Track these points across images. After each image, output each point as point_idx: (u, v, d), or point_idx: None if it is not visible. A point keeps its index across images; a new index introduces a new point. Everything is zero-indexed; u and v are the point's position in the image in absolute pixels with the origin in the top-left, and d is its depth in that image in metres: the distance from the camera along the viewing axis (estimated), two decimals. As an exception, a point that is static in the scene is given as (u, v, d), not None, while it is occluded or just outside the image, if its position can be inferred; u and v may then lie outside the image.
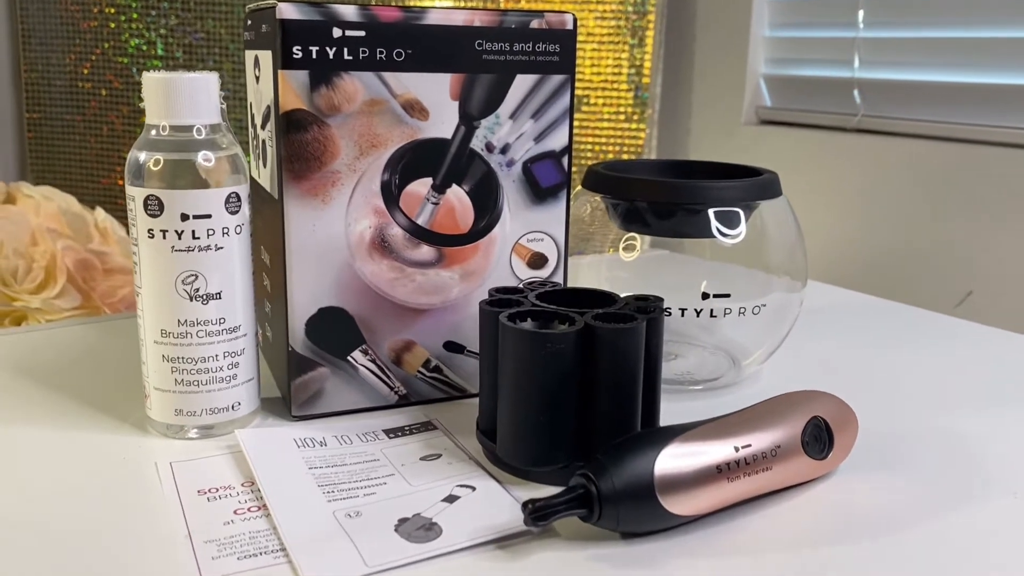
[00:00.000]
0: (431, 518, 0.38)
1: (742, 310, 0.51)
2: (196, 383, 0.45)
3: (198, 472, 0.43)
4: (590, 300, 0.46)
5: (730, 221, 0.52)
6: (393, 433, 0.47)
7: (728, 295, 0.51)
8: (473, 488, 0.41)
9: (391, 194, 0.48)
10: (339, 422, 0.48)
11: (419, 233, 0.49)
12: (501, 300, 0.45)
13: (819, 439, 0.42)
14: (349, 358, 0.49)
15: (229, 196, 0.44)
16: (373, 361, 0.49)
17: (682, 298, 0.52)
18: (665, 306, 0.51)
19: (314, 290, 0.47)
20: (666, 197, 0.51)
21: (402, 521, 0.38)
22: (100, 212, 1.12)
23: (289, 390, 0.48)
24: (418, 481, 0.42)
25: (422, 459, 0.44)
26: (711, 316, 0.51)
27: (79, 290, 0.98)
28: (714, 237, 0.52)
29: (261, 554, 0.36)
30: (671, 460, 0.37)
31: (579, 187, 0.56)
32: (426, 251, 0.49)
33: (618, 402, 0.41)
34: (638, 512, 0.37)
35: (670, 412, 0.49)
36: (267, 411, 0.50)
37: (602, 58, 1.48)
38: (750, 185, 0.52)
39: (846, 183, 1.21)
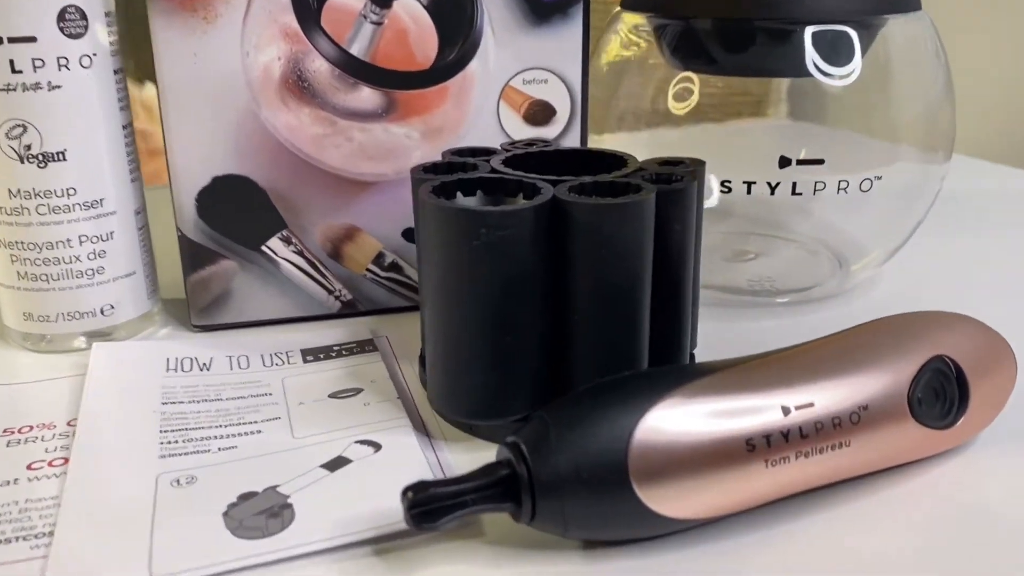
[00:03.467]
0: (288, 496, 0.25)
1: (843, 185, 0.34)
2: (45, 277, 0.33)
3: (23, 402, 0.31)
4: (593, 166, 0.30)
5: (836, 50, 0.34)
6: (313, 355, 0.33)
7: (821, 161, 0.33)
8: (377, 447, 0.27)
9: (308, 8, 0.33)
10: (253, 336, 0.35)
11: (354, 68, 0.34)
12: (452, 165, 0.30)
13: (942, 394, 0.25)
14: (264, 248, 0.35)
15: (64, 11, 0.31)
16: (299, 254, 0.35)
17: (759, 170, 0.35)
18: (723, 180, 0.34)
19: (204, 150, 0.33)
20: (735, 11, 0.34)
21: (244, 498, 0.25)
22: (150, 87, 1.03)
23: (185, 290, 0.35)
24: (308, 430, 0.28)
25: (332, 396, 0.30)
26: (794, 194, 0.34)
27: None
28: (809, 75, 0.34)
29: (18, 539, 0.24)
30: (663, 426, 0.22)
31: (617, 8, 0.39)
32: (367, 96, 0.34)
33: (607, 323, 0.26)
34: (599, 511, 0.22)
35: (718, 340, 0.33)
36: (172, 316, 0.37)
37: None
38: (867, -12, 0.33)
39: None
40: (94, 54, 0.32)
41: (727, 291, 0.38)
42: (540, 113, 0.36)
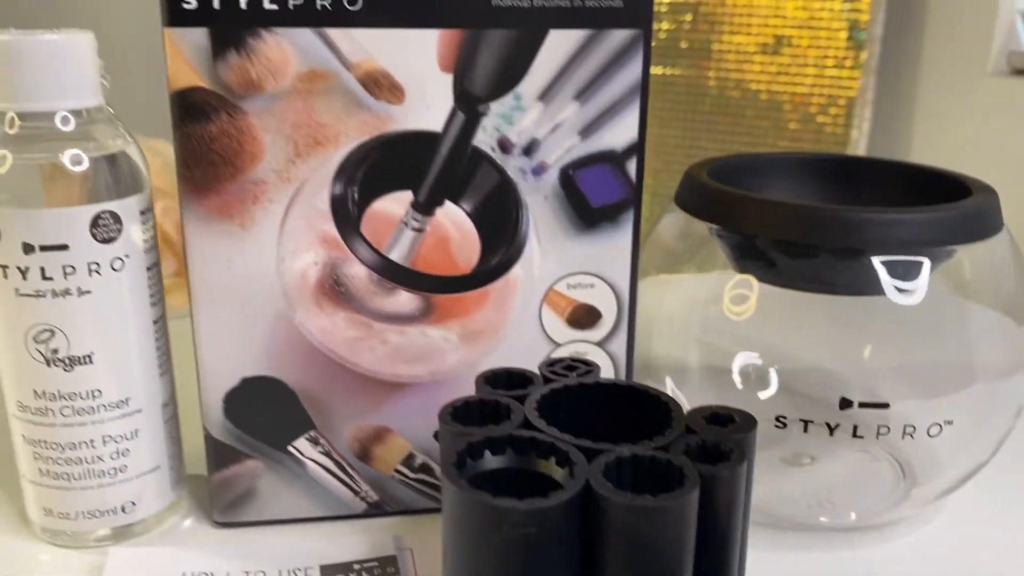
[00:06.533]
0: None
1: (910, 430, 0.31)
2: (66, 476, 0.32)
3: (32, 619, 0.30)
4: (633, 411, 0.28)
5: (905, 270, 0.32)
6: (331, 573, 0.32)
7: (885, 405, 0.31)
8: None
9: (348, 215, 0.32)
10: (274, 538, 0.34)
11: (393, 273, 0.32)
12: (483, 406, 0.28)
13: None
14: (291, 449, 0.34)
15: (99, 217, 0.30)
16: (327, 454, 0.34)
17: (818, 386, 0.33)
18: (778, 415, 0.32)
19: (235, 353, 0.32)
20: (799, 234, 0.31)
21: None
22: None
23: (208, 487, 0.34)
24: None
25: (345, 639, 0.29)
26: (855, 436, 0.31)
27: (176, 255, 0.91)
28: (879, 294, 0.32)
29: None
30: None
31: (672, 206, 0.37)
32: (405, 300, 0.33)
33: (639, 618, 0.24)
34: None
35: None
36: (198, 503, 0.36)
37: (811, -10, 1.22)
38: (944, 219, 0.31)
39: None
40: (127, 256, 0.31)
41: (783, 501, 0.36)
42: (585, 317, 0.34)
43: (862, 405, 0.31)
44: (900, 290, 0.32)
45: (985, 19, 1.10)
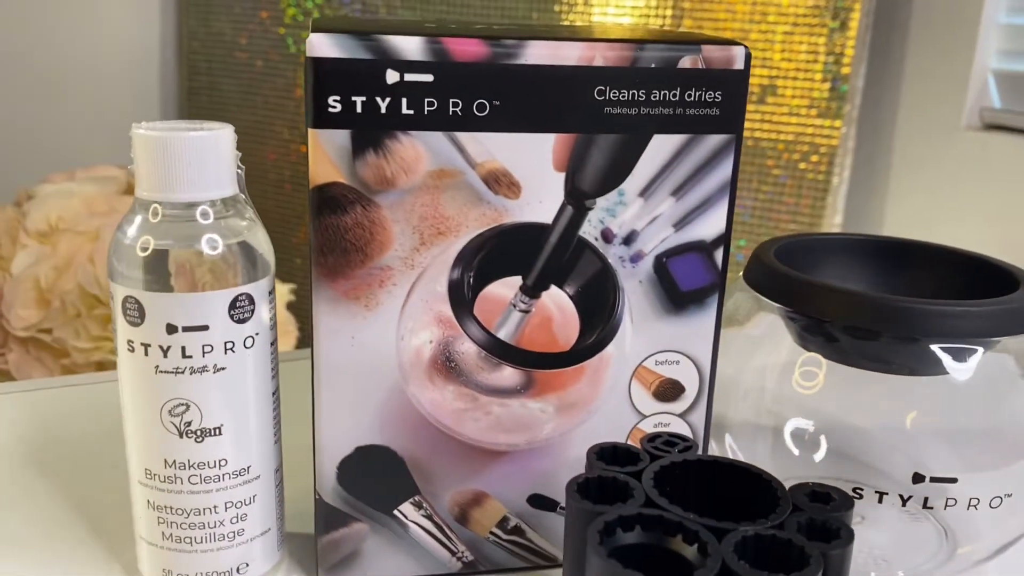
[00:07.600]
0: None
1: (974, 503, 0.34)
2: (188, 540, 0.34)
3: None
4: (733, 485, 0.31)
5: (961, 354, 0.35)
6: (443, 632, 0.34)
7: (954, 480, 0.34)
8: None
9: (463, 298, 0.34)
10: (378, 597, 0.36)
11: (500, 350, 0.35)
12: (602, 482, 0.31)
13: None
14: (396, 512, 0.36)
15: (236, 299, 0.32)
16: (429, 518, 0.36)
17: (885, 457, 0.36)
18: (855, 486, 0.35)
19: (351, 423, 0.35)
20: (867, 321, 0.35)
21: None
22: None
23: (316, 548, 0.36)
24: None
25: None
26: (925, 507, 0.34)
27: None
28: (935, 374, 0.35)
29: None
30: None
31: (739, 277, 0.40)
32: (509, 374, 0.35)
33: None
34: None
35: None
36: (297, 561, 0.38)
37: (795, 42, 1.27)
38: (1002, 312, 0.34)
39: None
40: (256, 334, 0.33)
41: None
42: (670, 391, 0.37)
43: (933, 479, 0.34)
44: (955, 371, 0.35)
45: (959, 76, 1.16)
